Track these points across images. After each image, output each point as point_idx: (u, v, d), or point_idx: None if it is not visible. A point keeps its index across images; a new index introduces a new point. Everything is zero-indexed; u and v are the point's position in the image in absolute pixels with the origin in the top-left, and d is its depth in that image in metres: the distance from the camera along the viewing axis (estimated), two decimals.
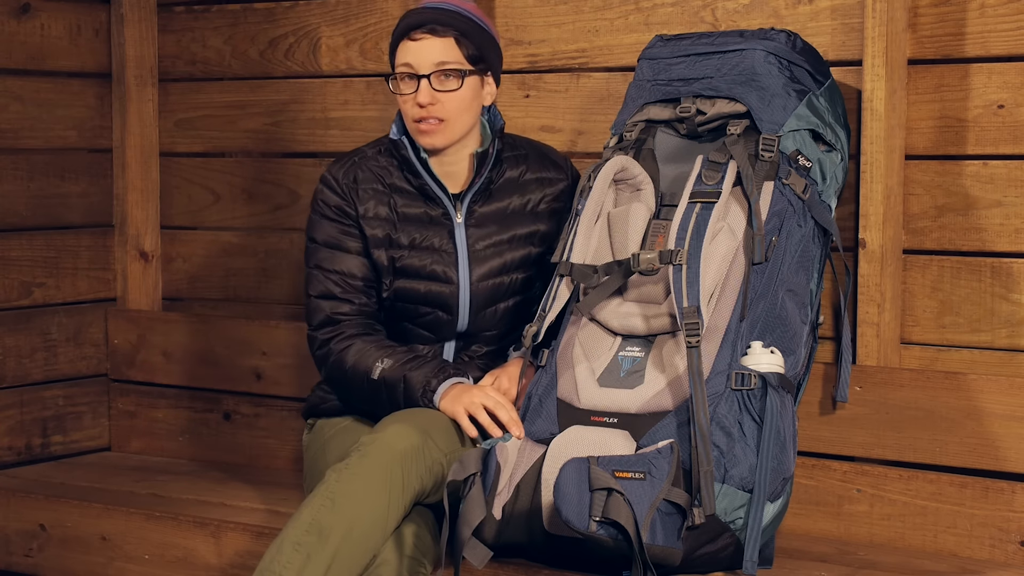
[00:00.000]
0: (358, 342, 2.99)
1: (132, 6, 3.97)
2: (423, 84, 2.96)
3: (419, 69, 2.96)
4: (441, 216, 3.04)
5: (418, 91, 2.96)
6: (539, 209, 3.08)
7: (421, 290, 3.02)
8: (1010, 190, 2.96)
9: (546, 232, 3.08)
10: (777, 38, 2.93)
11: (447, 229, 3.03)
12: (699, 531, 2.58)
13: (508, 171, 3.07)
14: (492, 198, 3.06)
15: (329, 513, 2.67)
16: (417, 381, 2.90)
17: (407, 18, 3.00)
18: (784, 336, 2.78)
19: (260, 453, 3.82)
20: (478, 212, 3.05)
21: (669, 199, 2.91)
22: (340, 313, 3.03)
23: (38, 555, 3.49)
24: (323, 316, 3.03)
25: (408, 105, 2.99)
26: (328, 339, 3.02)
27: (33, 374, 3.90)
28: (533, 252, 3.07)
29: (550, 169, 3.11)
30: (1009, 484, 2.91)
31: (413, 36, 2.97)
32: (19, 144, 3.85)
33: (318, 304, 3.04)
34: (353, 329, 3.02)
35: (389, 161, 3.07)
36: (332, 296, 3.03)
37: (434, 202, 3.04)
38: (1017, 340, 2.98)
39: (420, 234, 3.03)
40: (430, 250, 3.02)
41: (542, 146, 3.18)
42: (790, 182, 2.83)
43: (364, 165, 3.07)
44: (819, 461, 3.07)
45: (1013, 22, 2.95)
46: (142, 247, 4.03)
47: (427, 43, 2.96)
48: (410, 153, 3.03)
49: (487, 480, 2.68)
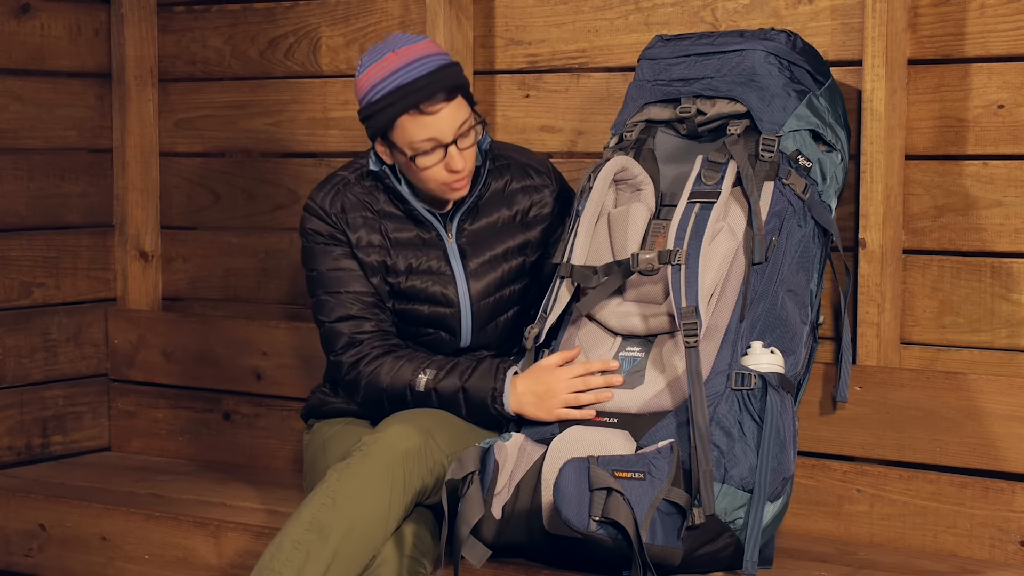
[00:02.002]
0: (388, 360, 2.93)
1: (132, 6, 3.97)
2: (452, 151, 2.85)
3: (444, 139, 2.85)
4: (434, 238, 3.01)
5: (448, 158, 2.86)
6: (528, 219, 3.06)
7: (424, 312, 3.01)
8: (1010, 190, 2.96)
9: (536, 240, 3.06)
10: (777, 38, 2.93)
11: (441, 250, 3.00)
12: (699, 531, 2.58)
13: (492, 184, 3.04)
14: (480, 214, 3.03)
15: (330, 512, 2.67)
16: (480, 390, 2.86)
17: (409, 95, 2.83)
18: (784, 336, 2.78)
19: (260, 453, 3.82)
20: (468, 230, 3.02)
21: (669, 199, 2.91)
22: (361, 332, 2.97)
23: (38, 555, 3.49)
24: (345, 339, 2.97)
25: (435, 172, 2.88)
26: (356, 361, 2.95)
27: (33, 374, 3.91)
28: (527, 261, 3.05)
29: (533, 176, 3.07)
30: (1009, 484, 2.91)
31: (427, 110, 2.83)
32: (19, 144, 3.85)
33: (336, 328, 2.97)
34: (378, 349, 2.95)
35: (373, 185, 3.01)
36: (350, 317, 2.97)
37: (424, 225, 3.00)
38: (1017, 340, 2.98)
39: (416, 258, 3.00)
40: (428, 273, 3.00)
41: (521, 151, 3.13)
42: (790, 182, 2.83)
43: (348, 192, 3.00)
44: (819, 461, 3.07)
45: (1013, 22, 2.95)
46: (142, 247, 4.03)
47: (446, 111, 2.84)
48: (394, 183, 2.97)
49: (485, 479, 2.68)
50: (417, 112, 2.83)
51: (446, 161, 2.87)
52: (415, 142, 2.85)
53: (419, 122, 2.84)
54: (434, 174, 2.89)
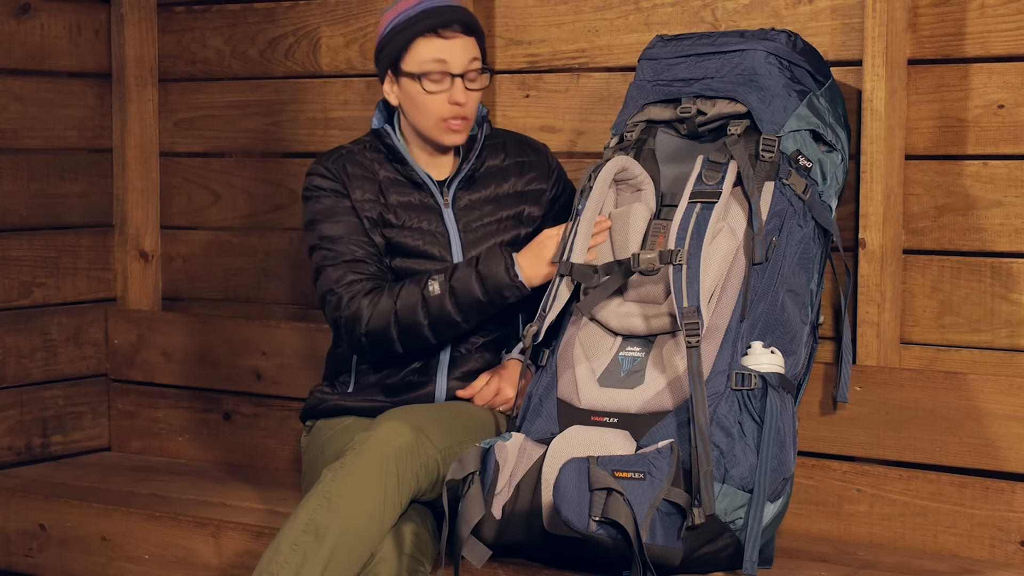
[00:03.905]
0: (387, 288, 2.93)
1: (132, 6, 3.97)
2: (457, 83, 2.95)
3: (453, 68, 2.94)
4: (431, 203, 3.05)
5: (452, 90, 2.95)
6: (524, 190, 3.10)
7: (418, 269, 3.02)
8: (1010, 190, 2.96)
9: (532, 213, 3.10)
10: (778, 38, 2.93)
11: (436, 213, 3.04)
12: (699, 531, 2.58)
13: (489, 160, 3.10)
14: (476, 185, 3.08)
15: (325, 512, 2.67)
16: (493, 271, 2.88)
17: (431, 16, 2.95)
18: (784, 336, 2.78)
19: (260, 453, 3.82)
20: (464, 199, 3.06)
21: (669, 199, 2.91)
22: (360, 272, 2.96)
23: (38, 555, 3.49)
24: (341, 273, 2.95)
25: (436, 103, 2.96)
26: (354, 294, 2.93)
27: (33, 374, 3.91)
28: (522, 233, 3.08)
29: (528, 153, 3.14)
30: (1009, 484, 2.91)
31: (443, 34, 2.94)
32: (19, 144, 3.85)
33: (335, 269, 2.96)
34: (376, 283, 2.95)
35: (374, 155, 3.07)
36: (353, 259, 2.97)
37: (422, 189, 3.05)
38: (1017, 340, 2.98)
39: (411, 217, 3.03)
40: (422, 231, 3.03)
41: (519, 134, 3.20)
42: (790, 182, 2.83)
43: (351, 158, 3.06)
44: (819, 461, 3.07)
45: (1013, 22, 2.95)
46: (142, 247, 4.03)
47: (460, 41, 2.95)
48: (395, 141, 3.04)
49: (486, 479, 2.68)
50: (434, 35, 2.94)
51: (450, 92, 2.94)
52: (426, 62, 2.94)
53: (434, 44, 2.94)
54: (436, 105, 2.95)
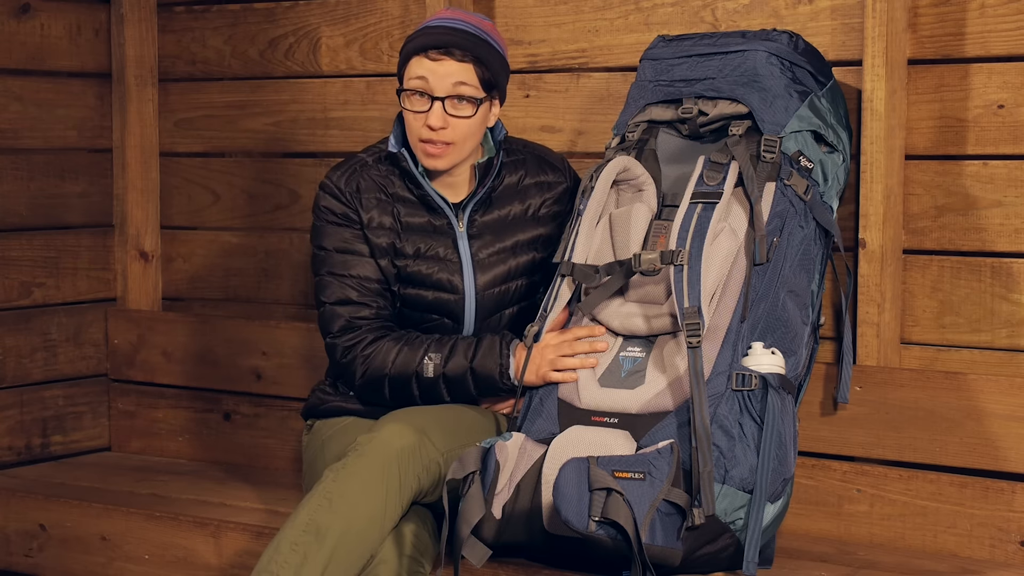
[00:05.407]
0: (385, 343, 2.95)
1: (132, 6, 3.97)
2: (436, 107, 2.90)
3: (434, 90, 2.90)
4: (445, 226, 3.01)
5: (430, 112, 2.90)
6: (540, 213, 3.07)
7: (428, 298, 3.01)
8: (1010, 190, 2.96)
9: (548, 236, 3.07)
10: (779, 39, 2.93)
11: (451, 238, 3.01)
12: (699, 531, 2.58)
13: (507, 178, 3.06)
14: (493, 206, 3.04)
15: (326, 513, 2.67)
16: (487, 368, 2.89)
17: (426, 36, 2.92)
18: (785, 337, 2.78)
19: (260, 453, 3.82)
20: (479, 221, 3.03)
21: (671, 199, 2.91)
22: (360, 318, 2.98)
23: (38, 555, 3.49)
24: (343, 322, 2.98)
25: (417, 123, 2.93)
26: (351, 345, 2.96)
27: (33, 374, 3.90)
28: (537, 257, 3.06)
29: (548, 172, 3.09)
30: (1009, 484, 2.91)
31: (431, 55, 2.90)
32: (19, 144, 3.85)
33: (335, 311, 2.99)
34: (373, 334, 2.97)
35: (389, 169, 3.03)
36: (350, 301, 2.98)
37: (436, 212, 3.02)
38: (1017, 340, 2.98)
39: (424, 243, 3.00)
40: (435, 259, 3.00)
41: (538, 148, 3.15)
42: (792, 183, 2.83)
43: (365, 174, 3.02)
44: (819, 461, 3.07)
45: (1013, 22, 2.95)
46: (142, 247, 4.03)
47: (445, 65, 2.90)
48: (411, 165, 2.99)
49: (486, 479, 2.68)
50: (423, 54, 2.91)
51: (427, 114, 2.91)
52: (411, 79, 2.92)
53: (421, 63, 2.92)
54: (414, 125, 2.94)
